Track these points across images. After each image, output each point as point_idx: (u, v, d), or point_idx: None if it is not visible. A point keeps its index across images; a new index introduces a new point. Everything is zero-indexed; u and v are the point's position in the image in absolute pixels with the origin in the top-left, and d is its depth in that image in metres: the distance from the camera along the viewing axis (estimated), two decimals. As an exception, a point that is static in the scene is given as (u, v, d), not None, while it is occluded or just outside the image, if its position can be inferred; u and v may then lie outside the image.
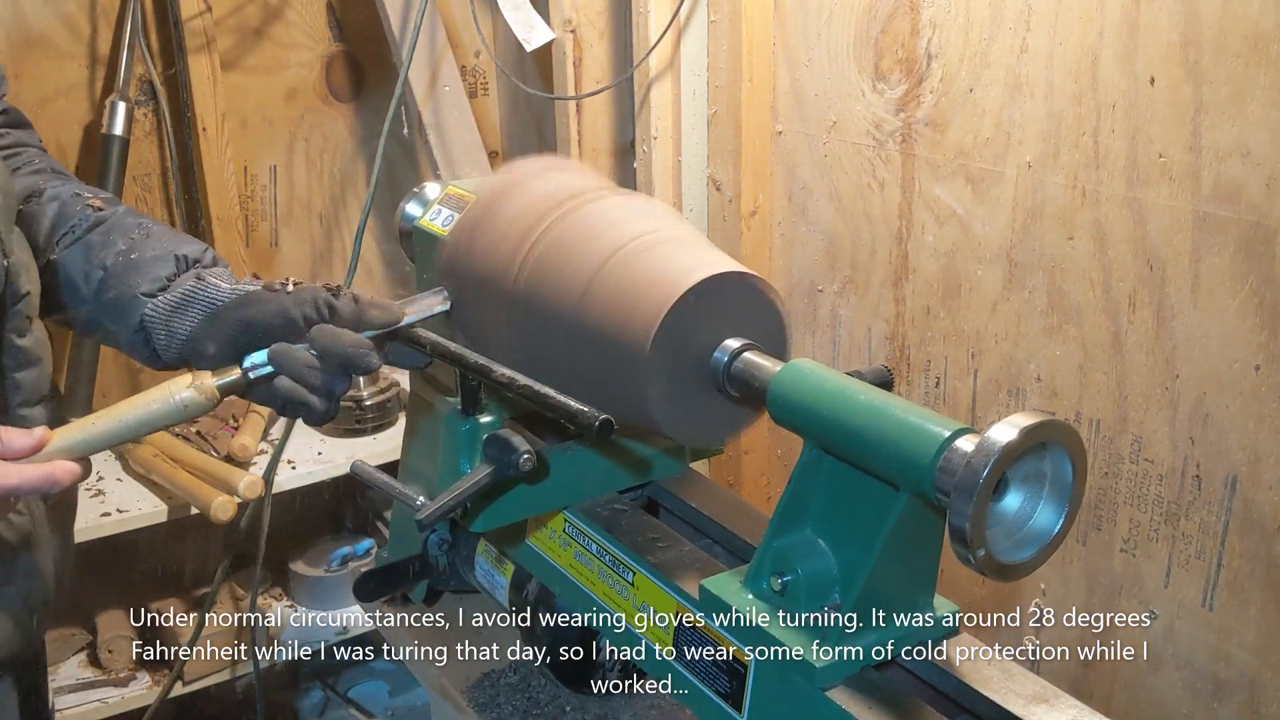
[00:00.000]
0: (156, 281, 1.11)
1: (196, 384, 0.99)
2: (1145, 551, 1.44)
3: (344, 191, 2.59)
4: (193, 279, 1.12)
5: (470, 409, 1.14)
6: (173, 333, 1.09)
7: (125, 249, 1.14)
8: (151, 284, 1.11)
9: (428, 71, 2.36)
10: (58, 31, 2.19)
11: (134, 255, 1.13)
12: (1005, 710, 0.85)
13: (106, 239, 1.15)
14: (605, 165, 2.09)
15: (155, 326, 1.10)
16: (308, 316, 1.02)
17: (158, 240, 1.15)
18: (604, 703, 1.27)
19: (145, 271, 1.12)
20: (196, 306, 1.09)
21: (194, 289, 1.11)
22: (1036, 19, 1.41)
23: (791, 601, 0.93)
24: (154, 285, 1.11)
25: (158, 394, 0.98)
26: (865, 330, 1.79)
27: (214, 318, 1.07)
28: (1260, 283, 1.25)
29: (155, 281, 1.11)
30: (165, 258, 1.13)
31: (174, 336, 1.09)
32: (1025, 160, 1.47)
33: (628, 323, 0.96)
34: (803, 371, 0.91)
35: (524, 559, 1.23)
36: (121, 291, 1.12)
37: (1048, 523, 0.83)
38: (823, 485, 0.94)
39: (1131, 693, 1.48)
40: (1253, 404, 1.28)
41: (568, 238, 1.05)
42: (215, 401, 1.00)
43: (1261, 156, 1.22)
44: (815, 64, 1.75)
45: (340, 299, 1.03)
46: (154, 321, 1.10)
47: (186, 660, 2.16)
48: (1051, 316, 1.48)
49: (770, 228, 1.91)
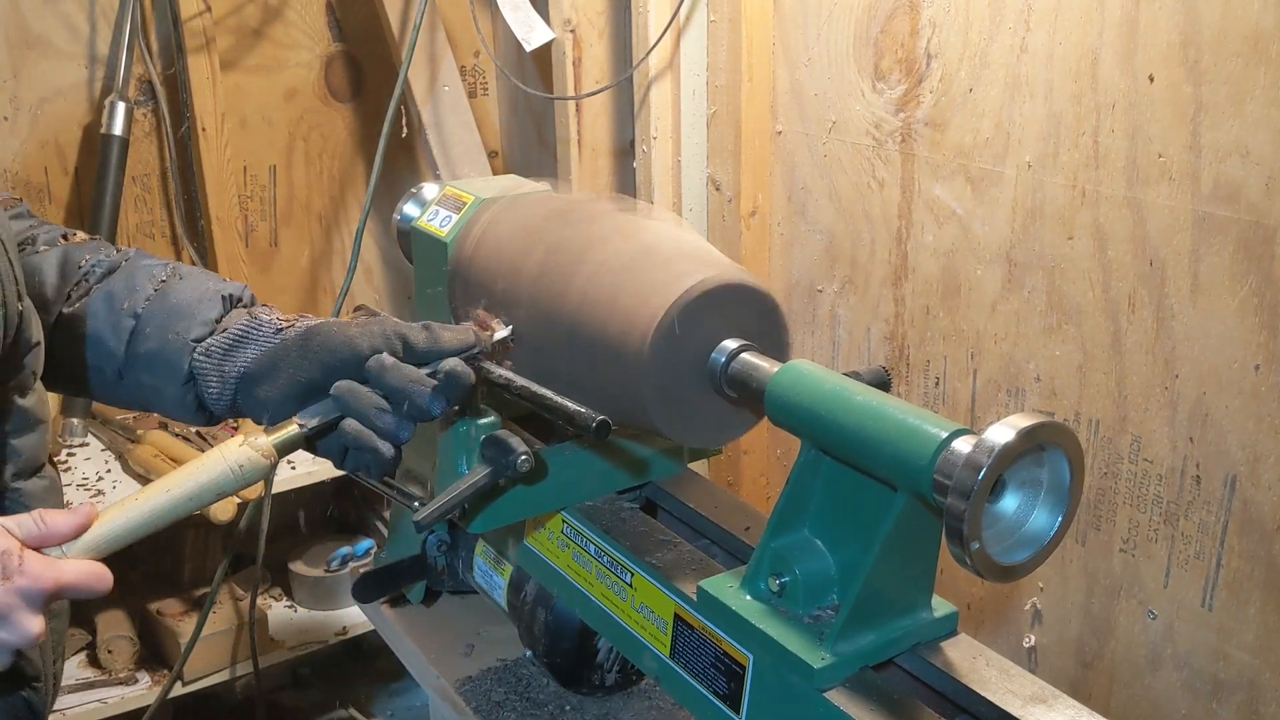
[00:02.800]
0: (205, 325, 0.99)
1: (250, 442, 0.89)
2: (1144, 551, 1.43)
3: (344, 191, 2.59)
4: (245, 316, 1.01)
5: (468, 410, 1.14)
6: (225, 376, 0.98)
7: (158, 292, 1.01)
8: (201, 328, 0.99)
9: (427, 71, 2.36)
10: (57, 31, 2.19)
11: (172, 299, 1.01)
12: (1003, 711, 0.85)
13: (131, 284, 1.02)
14: (605, 165, 2.09)
15: (206, 373, 0.98)
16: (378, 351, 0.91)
17: (195, 280, 1.03)
18: (603, 703, 1.27)
19: (191, 315, 1.00)
20: (253, 345, 0.98)
21: (248, 326, 0.99)
22: (1036, 19, 1.41)
23: (790, 602, 0.93)
24: (204, 329, 0.99)
25: (209, 460, 0.88)
26: (865, 330, 1.78)
27: (273, 355, 0.96)
28: (1260, 283, 1.25)
29: (204, 325, 0.99)
30: (211, 298, 1.01)
31: (226, 380, 0.98)
32: (1025, 160, 1.47)
33: (626, 324, 0.96)
34: (800, 372, 0.91)
35: (522, 560, 1.23)
36: (164, 341, 0.99)
37: (1045, 524, 0.83)
38: (821, 486, 0.94)
39: (1131, 693, 1.48)
40: (1252, 404, 1.28)
41: (569, 241, 1.05)
42: (274, 462, 0.90)
43: (1261, 156, 1.22)
44: (815, 64, 1.75)
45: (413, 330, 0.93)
46: (204, 368, 0.98)
47: (186, 660, 2.16)
48: (1051, 316, 1.48)
49: (770, 228, 1.91)
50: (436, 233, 1.17)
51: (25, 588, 0.79)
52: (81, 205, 2.25)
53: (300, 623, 2.41)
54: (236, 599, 2.36)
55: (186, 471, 0.88)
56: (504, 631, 1.38)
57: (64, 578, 0.81)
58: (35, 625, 0.80)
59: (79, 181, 2.26)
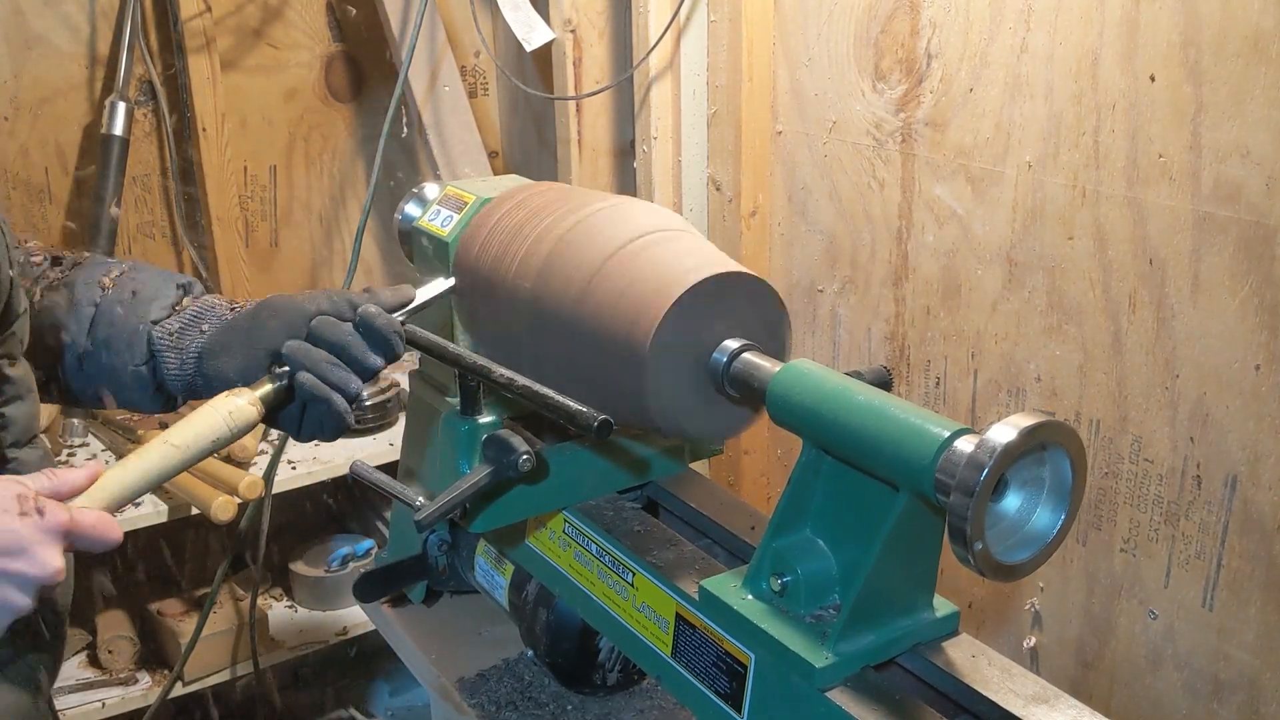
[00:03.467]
0: (163, 309, 1.07)
1: (234, 392, 0.95)
2: (1145, 551, 1.43)
3: (344, 192, 2.59)
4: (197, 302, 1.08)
5: (469, 409, 1.14)
6: (183, 352, 1.04)
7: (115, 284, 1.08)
8: (160, 311, 1.06)
9: (428, 71, 2.36)
10: (57, 32, 2.19)
11: (130, 287, 1.08)
12: (1005, 710, 0.85)
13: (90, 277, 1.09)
14: (605, 165, 2.09)
15: (164, 350, 1.05)
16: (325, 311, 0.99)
17: (150, 273, 1.11)
18: (604, 702, 1.27)
19: (149, 300, 1.07)
20: (208, 322, 1.05)
21: (204, 306, 1.07)
22: (1036, 19, 1.41)
23: (791, 602, 0.93)
24: (162, 312, 1.07)
25: (201, 412, 0.94)
26: (865, 330, 1.78)
27: (229, 329, 1.03)
28: (1260, 283, 1.25)
29: (162, 309, 1.07)
30: (166, 285, 1.09)
31: (185, 355, 1.04)
32: (1025, 160, 1.47)
33: (628, 323, 0.96)
34: (802, 372, 0.91)
35: (524, 559, 1.23)
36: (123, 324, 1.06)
37: (1047, 523, 0.83)
38: (822, 486, 0.94)
39: (1131, 693, 1.48)
40: (1253, 404, 1.28)
41: (570, 237, 1.05)
42: (260, 411, 0.96)
43: (1261, 156, 1.22)
44: (815, 64, 1.75)
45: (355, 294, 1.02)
46: (163, 345, 1.05)
47: (187, 660, 2.16)
48: (1051, 316, 1.48)
49: (770, 228, 1.91)
50: (438, 232, 1.17)
51: (44, 521, 0.82)
52: (82, 205, 2.25)
53: (300, 623, 2.41)
54: (236, 599, 2.36)
55: (182, 424, 0.93)
56: (505, 631, 1.38)
57: (79, 518, 0.84)
58: (56, 559, 0.83)
59: (79, 181, 2.26)
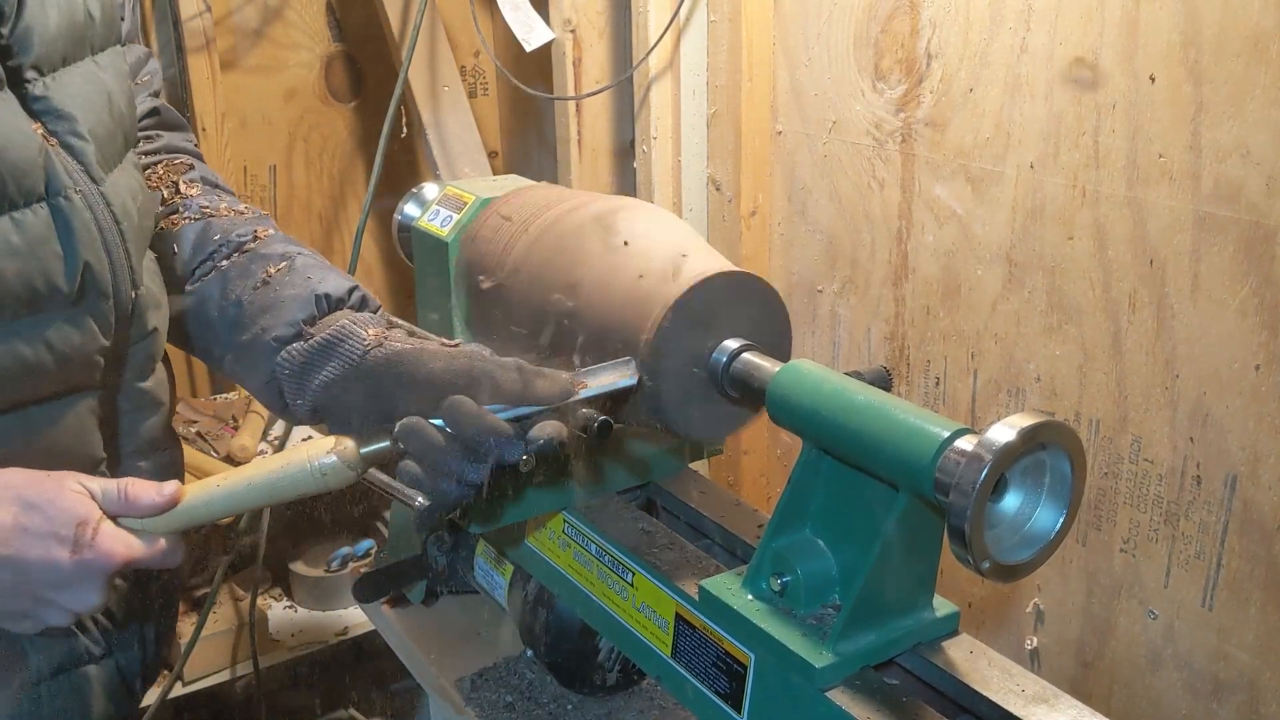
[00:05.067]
0: (291, 326, 0.97)
1: (339, 449, 0.85)
2: (1145, 551, 1.43)
3: (344, 191, 2.59)
4: (333, 326, 0.97)
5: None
6: (304, 387, 0.96)
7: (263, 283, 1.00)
8: (286, 328, 0.97)
9: (427, 71, 2.36)
10: (57, 32, 2.18)
11: (272, 293, 0.99)
12: (1005, 710, 0.85)
13: (246, 270, 1.01)
14: (605, 165, 2.09)
15: (286, 380, 0.97)
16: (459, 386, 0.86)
17: (300, 275, 1.01)
18: (604, 703, 1.27)
19: (280, 313, 0.97)
20: (335, 361, 0.95)
21: (333, 338, 0.96)
22: (1036, 19, 1.41)
23: (791, 602, 0.93)
24: (288, 330, 0.97)
25: (296, 457, 0.86)
26: (865, 330, 1.78)
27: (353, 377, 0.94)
28: (1260, 283, 1.25)
29: (290, 326, 0.97)
30: (304, 299, 0.98)
31: (305, 391, 0.96)
32: (1025, 160, 1.47)
33: (628, 323, 0.96)
34: (801, 372, 0.91)
35: (523, 560, 1.23)
36: (254, 335, 0.98)
37: (1047, 523, 0.83)
38: (822, 486, 0.94)
39: (1131, 693, 1.48)
40: (1253, 404, 1.28)
41: (570, 238, 1.05)
42: (359, 473, 0.86)
43: (1261, 156, 1.22)
44: (815, 64, 1.75)
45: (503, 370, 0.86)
46: (286, 374, 0.97)
47: (186, 660, 2.16)
48: (1051, 316, 1.48)
49: (770, 228, 1.91)
50: (437, 232, 1.17)
51: (92, 560, 0.82)
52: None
53: (300, 623, 2.41)
54: (236, 599, 2.35)
55: (272, 464, 0.87)
56: (505, 631, 1.38)
57: (134, 554, 0.84)
58: (94, 596, 0.83)
59: (79, 181, 2.25)
